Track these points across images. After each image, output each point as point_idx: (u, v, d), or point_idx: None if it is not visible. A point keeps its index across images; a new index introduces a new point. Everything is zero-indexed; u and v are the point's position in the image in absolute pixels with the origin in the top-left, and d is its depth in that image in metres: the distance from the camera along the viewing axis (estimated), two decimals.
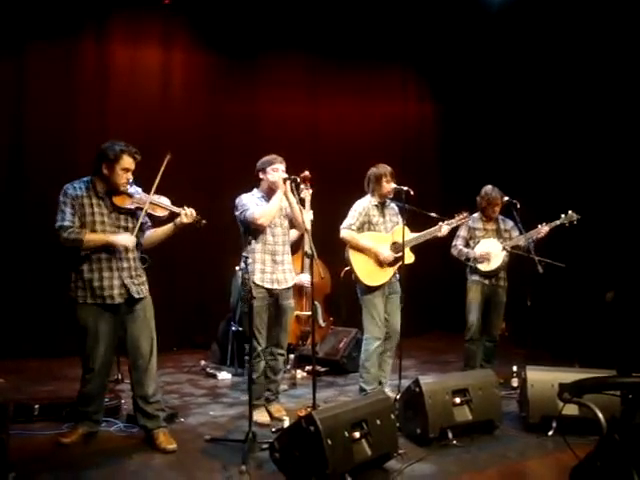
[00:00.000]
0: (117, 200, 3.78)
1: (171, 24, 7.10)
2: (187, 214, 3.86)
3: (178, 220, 3.87)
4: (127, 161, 3.76)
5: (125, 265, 3.78)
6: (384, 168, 4.91)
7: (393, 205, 5.04)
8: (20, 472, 3.20)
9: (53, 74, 6.53)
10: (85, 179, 3.83)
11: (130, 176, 3.81)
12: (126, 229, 3.81)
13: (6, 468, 3.07)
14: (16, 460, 3.26)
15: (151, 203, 3.81)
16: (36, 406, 4.19)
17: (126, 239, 3.72)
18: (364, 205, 4.94)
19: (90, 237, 3.66)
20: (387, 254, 4.80)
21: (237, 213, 4.40)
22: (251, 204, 4.34)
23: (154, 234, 3.98)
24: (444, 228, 4.84)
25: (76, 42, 6.63)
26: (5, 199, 6.36)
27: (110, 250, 3.73)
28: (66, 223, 3.64)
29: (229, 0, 7.18)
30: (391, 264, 4.84)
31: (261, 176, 4.42)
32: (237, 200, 4.42)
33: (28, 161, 6.41)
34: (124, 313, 3.84)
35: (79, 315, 3.75)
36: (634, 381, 2.10)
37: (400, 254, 4.79)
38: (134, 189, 3.86)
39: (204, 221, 3.93)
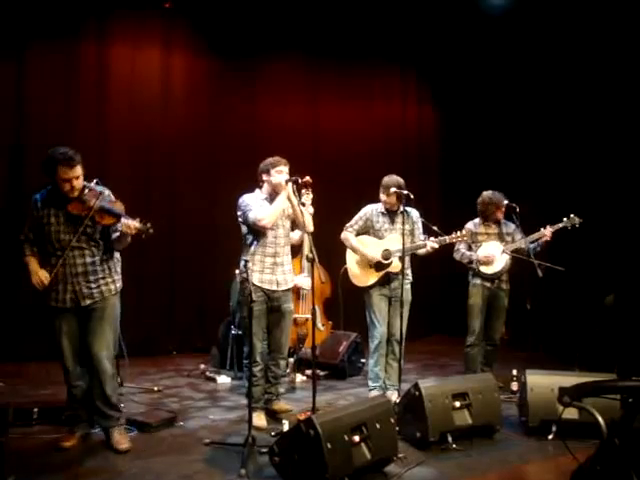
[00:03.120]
0: (70, 207, 3.71)
1: (171, 26, 7.12)
2: (128, 225, 3.65)
3: (120, 227, 3.70)
4: (63, 172, 3.63)
5: (80, 270, 3.78)
6: (388, 180, 4.89)
7: (413, 213, 5.01)
8: (19, 475, 3.20)
9: (53, 75, 6.54)
10: (48, 187, 3.82)
11: (75, 183, 3.67)
12: (83, 234, 3.74)
13: (5, 471, 3.06)
14: (15, 463, 3.25)
15: (96, 211, 3.68)
16: (35, 409, 4.19)
17: (37, 277, 3.71)
18: (366, 211, 5.05)
19: (25, 261, 3.83)
20: (371, 254, 4.89)
21: (239, 213, 4.40)
22: (254, 205, 4.33)
23: (115, 239, 3.89)
24: (429, 244, 4.77)
25: (76, 43, 6.65)
26: (5, 199, 6.37)
27: (59, 257, 3.73)
28: (22, 237, 3.87)
29: (229, 3, 7.21)
30: (378, 269, 4.90)
31: (264, 178, 4.41)
32: (240, 200, 4.40)
33: (28, 161, 6.39)
34: (82, 315, 3.84)
35: (49, 316, 3.83)
36: (634, 385, 2.10)
37: (389, 261, 4.84)
38: (93, 192, 3.74)
39: (150, 230, 3.69)
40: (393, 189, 4.81)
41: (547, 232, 5.22)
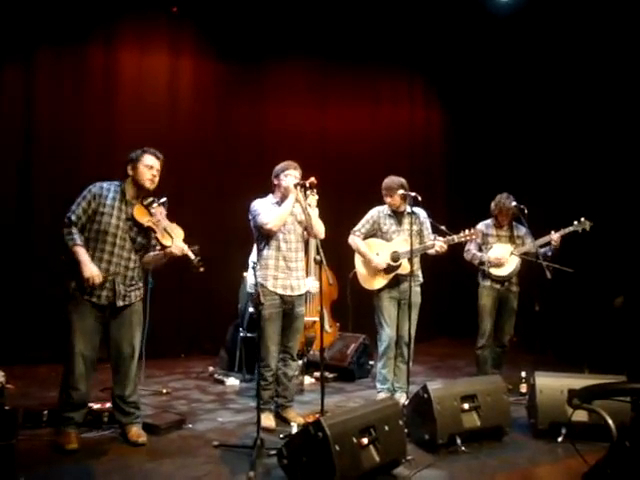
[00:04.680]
0: (136, 212, 3.88)
1: (178, 31, 7.16)
2: (182, 248, 3.87)
3: (168, 250, 3.89)
4: (149, 158, 3.94)
5: (121, 271, 3.86)
6: (389, 181, 4.92)
7: (420, 213, 4.99)
8: (29, 477, 3.21)
9: (62, 79, 6.58)
10: (117, 182, 3.96)
11: (155, 173, 3.94)
12: (133, 241, 3.91)
13: (15, 473, 3.07)
14: (25, 465, 3.27)
15: (162, 229, 3.88)
16: (45, 412, 4.19)
17: (91, 273, 3.70)
18: (373, 214, 5.05)
19: (76, 249, 3.73)
20: (377, 262, 4.88)
21: (250, 218, 4.43)
22: (263, 209, 4.36)
23: (146, 257, 4.02)
24: (437, 244, 4.75)
25: (85, 48, 6.69)
26: (14, 199, 6.40)
27: (109, 253, 3.82)
28: (73, 218, 3.78)
29: (236, 7, 7.23)
30: (387, 271, 4.89)
31: (276, 182, 4.44)
32: (251, 205, 4.44)
33: (37, 164, 6.45)
34: (110, 316, 3.90)
35: (68, 308, 3.82)
36: None
37: (398, 263, 4.83)
38: (161, 210, 3.96)
39: (202, 269, 3.92)
40: (401, 191, 4.82)
41: (555, 237, 5.19)
